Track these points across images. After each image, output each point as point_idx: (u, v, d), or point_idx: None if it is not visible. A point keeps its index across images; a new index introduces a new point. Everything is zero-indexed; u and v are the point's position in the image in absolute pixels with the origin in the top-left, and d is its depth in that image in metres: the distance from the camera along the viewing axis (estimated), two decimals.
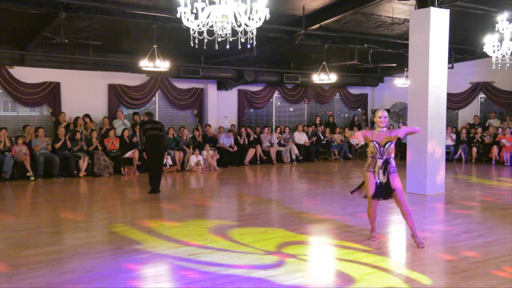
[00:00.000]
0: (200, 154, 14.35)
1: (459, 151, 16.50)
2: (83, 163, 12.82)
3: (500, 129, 16.31)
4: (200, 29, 6.34)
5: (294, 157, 16.42)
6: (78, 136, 13.22)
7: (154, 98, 16.07)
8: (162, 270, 5.32)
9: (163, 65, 12.45)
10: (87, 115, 14.23)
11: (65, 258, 5.66)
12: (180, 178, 13.03)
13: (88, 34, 12.45)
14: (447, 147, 14.95)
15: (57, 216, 8.23)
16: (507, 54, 8.98)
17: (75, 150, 13.00)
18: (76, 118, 13.94)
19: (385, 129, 6.25)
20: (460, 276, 5.12)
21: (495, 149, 15.67)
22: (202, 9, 6.22)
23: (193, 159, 14.16)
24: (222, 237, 6.56)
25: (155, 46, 12.13)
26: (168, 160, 13.86)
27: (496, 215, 8.02)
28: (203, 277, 5.02)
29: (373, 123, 19.23)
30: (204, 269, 5.25)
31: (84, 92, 14.70)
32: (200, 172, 13.92)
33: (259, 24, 6.22)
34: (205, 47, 6.56)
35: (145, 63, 12.36)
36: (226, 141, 15.46)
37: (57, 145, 12.84)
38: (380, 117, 6.26)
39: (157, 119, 16.11)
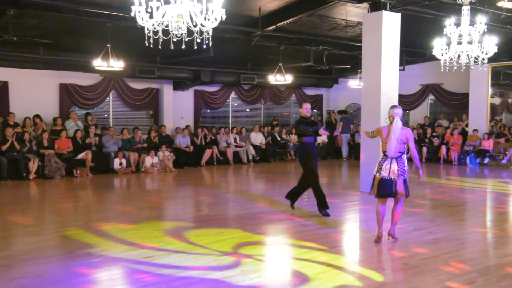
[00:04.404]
0: (155, 155, 14.16)
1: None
2: (33, 165, 12.39)
3: (448, 129, 16.92)
4: (155, 28, 6.26)
5: (250, 157, 16.47)
6: (26, 137, 12.76)
7: (108, 99, 15.74)
8: (116, 274, 5.23)
9: (117, 64, 12.23)
10: (37, 116, 13.77)
11: (14, 264, 5.47)
12: (135, 179, 12.82)
13: (39, 32, 12.06)
14: None
15: (5, 220, 7.90)
16: (454, 58, 9.32)
17: (24, 151, 12.55)
18: (25, 119, 13.47)
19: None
20: (411, 272, 5.28)
21: (443, 149, 16.25)
22: (157, 8, 6.14)
23: (149, 160, 13.96)
24: (178, 239, 6.50)
25: (109, 45, 11.89)
26: (122, 161, 13.62)
27: (445, 213, 8.32)
28: (158, 280, 4.97)
29: (328, 123, 19.65)
30: (159, 272, 5.19)
31: (34, 92, 14.23)
32: (155, 173, 13.74)
33: (215, 24, 6.21)
34: (160, 47, 6.47)
35: (98, 63, 12.10)
36: (183, 141, 15.33)
37: (4, 147, 12.34)
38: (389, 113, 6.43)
39: (111, 121, 15.86)
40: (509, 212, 9.06)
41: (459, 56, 9.20)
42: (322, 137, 18.37)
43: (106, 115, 15.97)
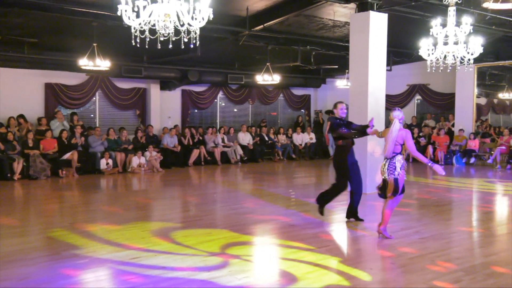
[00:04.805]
0: (143, 155, 14.06)
1: None
2: (18, 166, 12.24)
3: (435, 129, 17.06)
4: (141, 27, 6.21)
5: (238, 157, 16.44)
6: (10, 137, 12.59)
7: (94, 98, 15.60)
8: (102, 275, 5.18)
9: (103, 64, 12.13)
10: (21, 116, 13.59)
11: None
12: (122, 180, 12.73)
13: (24, 31, 11.92)
14: None
15: None
16: (440, 58, 9.38)
17: (10, 153, 12.37)
18: (9, 119, 13.28)
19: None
20: (398, 271, 5.30)
21: (430, 149, 16.38)
22: (144, 7, 6.10)
23: (135, 161, 13.85)
24: (165, 240, 6.46)
25: (95, 44, 11.80)
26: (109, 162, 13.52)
27: (432, 212, 8.38)
28: (145, 281, 4.93)
29: (316, 123, 19.71)
30: (146, 273, 5.15)
31: (19, 92, 14.05)
32: (142, 173, 13.64)
33: (203, 24, 6.17)
34: (147, 46, 6.42)
35: (84, 62, 11.99)
36: (170, 141, 15.25)
37: None
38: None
39: (97, 121, 15.72)
40: (495, 211, 9.15)
41: (445, 56, 9.25)
42: (310, 137, 18.44)
43: (92, 115, 15.84)
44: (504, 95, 16.33)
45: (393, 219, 7.83)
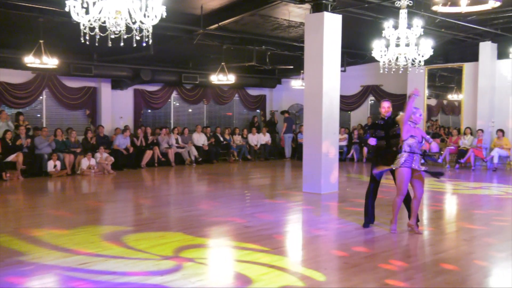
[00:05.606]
0: (93, 157, 13.61)
1: (351, 151, 17.38)
2: None
3: None
4: (91, 24, 5.97)
5: (193, 158, 16.23)
6: None
7: (41, 97, 15.00)
8: (49, 282, 4.97)
9: (51, 61, 11.68)
10: None
11: None
12: (71, 182, 12.29)
13: None
14: (340, 147, 15.65)
15: None
16: (392, 59, 9.55)
17: None
18: None
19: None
20: (351, 271, 5.33)
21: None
22: (94, 3, 5.86)
23: (85, 163, 13.39)
24: (116, 244, 6.27)
25: (41, 41, 11.34)
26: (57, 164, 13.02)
27: (385, 211, 8.49)
28: (94, 287, 4.76)
29: (271, 123, 19.73)
30: (96, 279, 4.99)
31: None
32: (92, 176, 13.21)
33: (155, 21, 6.01)
34: (97, 44, 6.20)
35: (30, 59, 11.50)
36: (123, 142, 14.86)
37: None
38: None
39: (44, 121, 15.14)
40: (444, 210, 9.41)
41: (397, 58, 9.43)
42: (266, 138, 18.45)
43: (39, 115, 15.23)
44: (453, 96, 16.85)
45: (347, 219, 7.92)
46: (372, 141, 7.26)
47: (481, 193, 11.03)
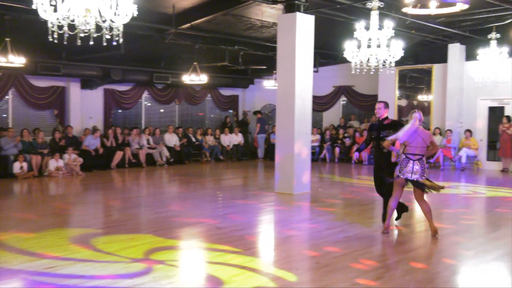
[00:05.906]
0: (61, 158, 13.30)
1: (324, 151, 17.48)
2: None
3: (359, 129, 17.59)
4: (59, 22, 5.82)
5: (164, 159, 16.05)
6: None
7: (7, 97, 14.59)
8: (15, 287, 4.84)
9: (17, 60, 11.36)
10: None
11: None
12: (38, 184, 11.98)
13: None
14: (313, 147, 15.72)
15: None
16: (364, 60, 9.63)
17: None
18: None
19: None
20: (323, 271, 5.35)
21: (354, 149, 16.86)
22: (62, 1, 5.72)
23: (53, 164, 13.07)
24: (85, 247, 6.13)
25: (7, 39, 11.03)
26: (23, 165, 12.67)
27: (355, 211, 8.58)
28: None
29: (243, 123, 19.68)
30: (63, 283, 4.88)
31: None
32: (60, 177, 12.90)
33: (126, 20, 5.89)
34: (66, 43, 6.05)
35: None
36: (92, 143, 14.58)
37: None
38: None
39: (10, 121, 14.74)
40: (414, 209, 9.52)
41: (368, 59, 9.51)
42: (238, 138, 18.39)
43: (5, 115, 14.80)
44: (423, 97, 17.14)
45: (318, 219, 7.95)
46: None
47: (450, 192, 11.24)
